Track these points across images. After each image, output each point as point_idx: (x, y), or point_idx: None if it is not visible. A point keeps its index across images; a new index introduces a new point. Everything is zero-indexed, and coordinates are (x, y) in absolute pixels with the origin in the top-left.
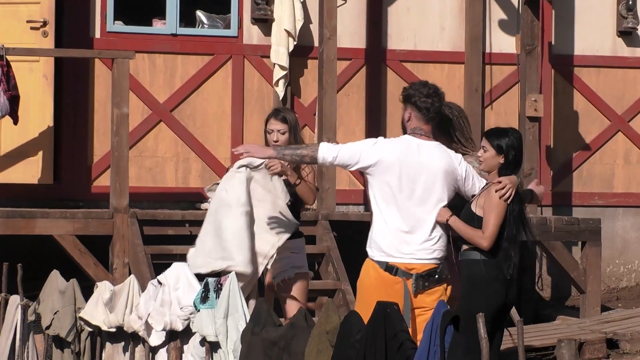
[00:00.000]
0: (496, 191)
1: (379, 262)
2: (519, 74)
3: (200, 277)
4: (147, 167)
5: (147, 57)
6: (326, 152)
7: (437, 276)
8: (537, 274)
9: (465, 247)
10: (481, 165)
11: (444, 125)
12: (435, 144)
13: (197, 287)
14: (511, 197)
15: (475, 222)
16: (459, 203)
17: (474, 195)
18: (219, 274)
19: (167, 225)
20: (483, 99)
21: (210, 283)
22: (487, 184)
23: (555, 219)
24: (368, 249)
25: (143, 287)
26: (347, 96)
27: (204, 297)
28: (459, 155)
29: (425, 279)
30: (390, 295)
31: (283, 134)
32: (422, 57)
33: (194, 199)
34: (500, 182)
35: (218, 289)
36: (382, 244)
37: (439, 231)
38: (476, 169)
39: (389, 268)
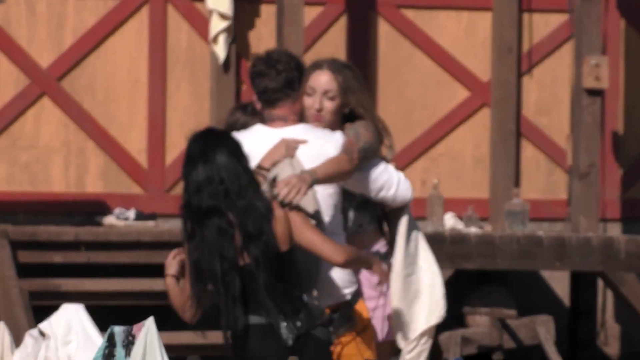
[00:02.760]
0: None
1: None
2: (572, 25)
3: (101, 325)
4: (24, 163)
5: (23, 1)
6: None
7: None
8: (599, 320)
9: None
10: None
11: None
12: (299, 129)
13: (98, 339)
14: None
15: None
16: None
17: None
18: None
19: (54, 249)
20: (519, 63)
21: (117, 334)
22: None
23: (627, 240)
24: None
25: (18, 341)
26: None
27: (108, 355)
28: (336, 135)
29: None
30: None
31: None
32: (429, 1)
33: (94, 210)
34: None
35: (129, 343)
36: None
37: None
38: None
39: None
